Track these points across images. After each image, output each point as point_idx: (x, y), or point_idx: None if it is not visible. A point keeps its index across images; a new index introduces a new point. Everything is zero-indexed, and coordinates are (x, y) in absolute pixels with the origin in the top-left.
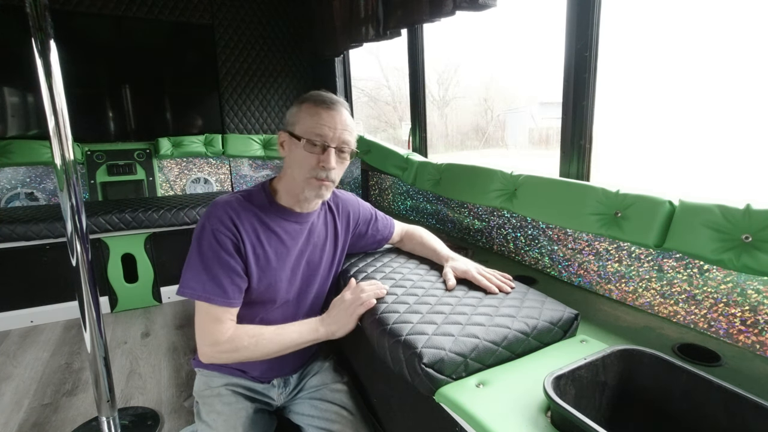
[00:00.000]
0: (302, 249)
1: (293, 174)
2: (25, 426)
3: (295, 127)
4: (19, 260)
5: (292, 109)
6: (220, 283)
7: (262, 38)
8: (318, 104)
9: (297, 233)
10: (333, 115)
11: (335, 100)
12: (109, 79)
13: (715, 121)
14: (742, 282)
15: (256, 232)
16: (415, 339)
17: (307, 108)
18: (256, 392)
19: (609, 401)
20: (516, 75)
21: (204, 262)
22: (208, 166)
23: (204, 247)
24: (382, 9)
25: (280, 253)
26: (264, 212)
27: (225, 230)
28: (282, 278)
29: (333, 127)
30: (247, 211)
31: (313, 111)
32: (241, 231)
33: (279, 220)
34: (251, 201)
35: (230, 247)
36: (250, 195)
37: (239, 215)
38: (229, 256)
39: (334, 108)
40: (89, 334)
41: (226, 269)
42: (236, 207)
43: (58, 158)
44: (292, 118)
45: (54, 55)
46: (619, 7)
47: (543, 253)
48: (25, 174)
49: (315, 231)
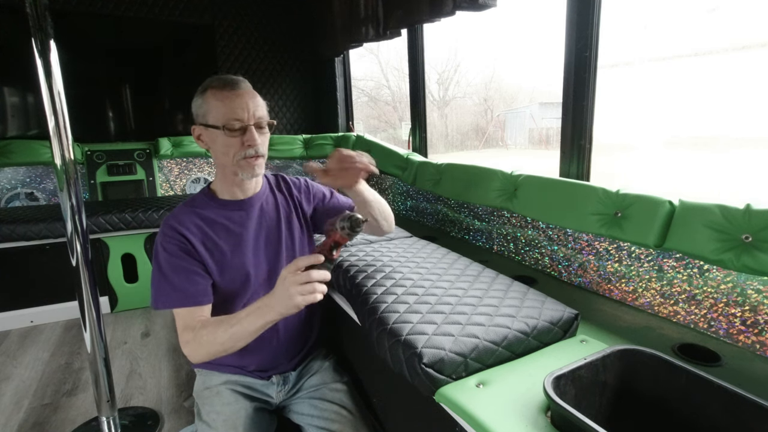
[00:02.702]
0: (256, 232)
1: (222, 162)
2: (25, 426)
3: (208, 117)
4: (19, 260)
5: (197, 100)
6: (182, 287)
7: (262, 38)
8: (223, 88)
9: (244, 219)
10: (242, 95)
11: (238, 80)
12: (109, 79)
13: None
14: (742, 282)
15: (202, 230)
16: (415, 339)
17: (213, 95)
18: (256, 390)
19: (609, 401)
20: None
21: (163, 274)
22: (208, 166)
23: (158, 260)
24: (382, 9)
25: (232, 241)
26: (206, 209)
27: (170, 239)
28: (245, 264)
29: (245, 107)
30: (189, 214)
31: (221, 96)
32: (186, 234)
33: (223, 212)
34: (194, 205)
35: (179, 251)
36: (192, 201)
37: (181, 221)
38: (181, 260)
39: (240, 88)
40: (89, 334)
41: (184, 273)
42: (178, 216)
43: (58, 158)
44: (200, 109)
45: (54, 55)
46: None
47: (543, 253)
48: (25, 174)
49: (265, 212)
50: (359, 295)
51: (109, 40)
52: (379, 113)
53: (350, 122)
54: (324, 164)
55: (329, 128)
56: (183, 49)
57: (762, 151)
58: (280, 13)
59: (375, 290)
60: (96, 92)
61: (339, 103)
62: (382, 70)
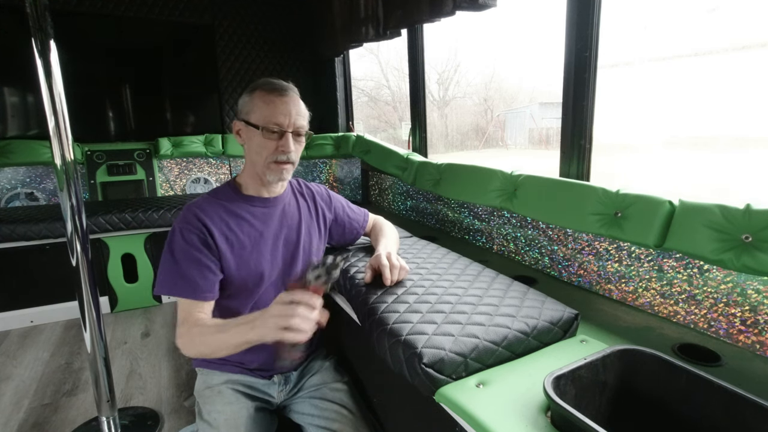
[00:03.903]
0: (276, 231)
1: (254, 159)
2: (25, 426)
3: (251, 115)
4: (19, 260)
5: (244, 97)
6: (191, 278)
7: (262, 38)
8: (271, 92)
9: (267, 217)
10: (287, 102)
11: (287, 87)
12: (109, 79)
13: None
14: (742, 282)
15: (226, 222)
16: (415, 339)
17: (260, 96)
18: (257, 390)
19: (609, 401)
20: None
21: (175, 260)
22: (208, 166)
23: (173, 245)
24: (382, 9)
25: (253, 237)
26: (231, 203)
27: (192, 228)
28: (261, 261)
29: (287, 113)
30: (214, 205)
31: (268, 99)
32: (209, 224)
33: (247, 206)
34: (218, 196)
35: (197, 242)
36: (216, 192)
37: (205, 211)
38: (198, 251)
39: (287, 95)
40: (89, 334)
41: (196, 265)
42: (202, 205)
43: (58, 158)
44: (245, 107)
45: (54, 55)
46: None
47: (543, 253)
48: (25, 174)
49: (287, 214)
50: (359, 295)
51: (109, 40)
52: (379, 113)
53: (350, 122)
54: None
55: (329, 128)
56: (183, 49)
57: (762, 151)
58: (280, 13)
59: (375, 290)
60: (96, 92)
61: (339, 103)
62: (382, 70)
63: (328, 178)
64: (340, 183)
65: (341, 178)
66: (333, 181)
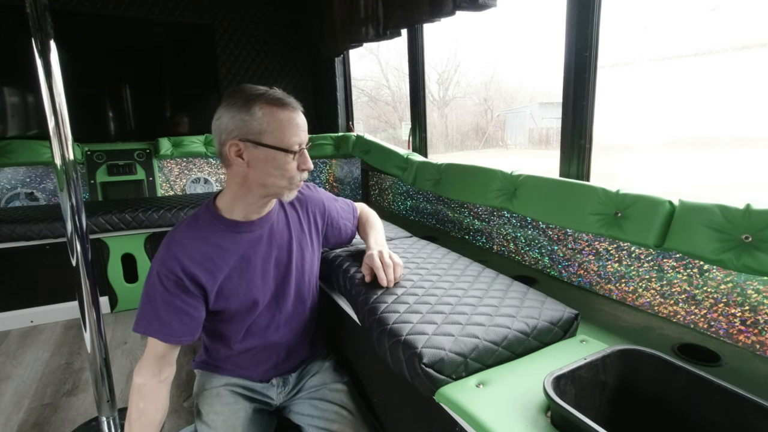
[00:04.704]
0: (265, 254)
1: (267, 182)
2: (25, 426)
3: (265, 136)
4: (19, 260)
5: (240, 114)
6: (168, 322)
7: (262, 38)
8: (284, 108)
9: (254, 242)
10: (300, 115)
11: (291, 99)
12: (109, 79)
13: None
14: (742, 282)
15: (208, 257)
16: (415, 339)
17: (272, 113)
18: (256, 392)
19: (609, 401)
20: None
21: (151, 302)
22: (208, 166)
23: (151, 287)
24: (382, 9)
25: (240, 266)
26: (213, 233)
27: (170, 274)
28: (252, 288)
29: (304, 128)
30: (195, 241)
31: (286, 117)
32: (188, 267)
33: (231, 235)
34: (198, 228)
35: (175, 288)
36: (196, 222)
37: (185, 251)
38: (175, 296)
39: (297, 108)
40: (89, 334)
41: (174, 309)
42: (182, 242)
43: (58, 158)
44: (249, 125)
45: (54, 55)
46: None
47: (543, 253)
48: (25, 174)
49: (275, 233)
50: (359, 295)
51: (109, 40)
52: (379, 113)
53: (350, 122)
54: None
55: (329, 128)
56: (183, 49)
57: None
58: (280, 13)
59: (375, 290)
60: (96, 92)
61: (339, 103)
62: (382, 70)
63: (328, 178)
64: (340, 183)
65: (341, 178)
66: (333, 181)
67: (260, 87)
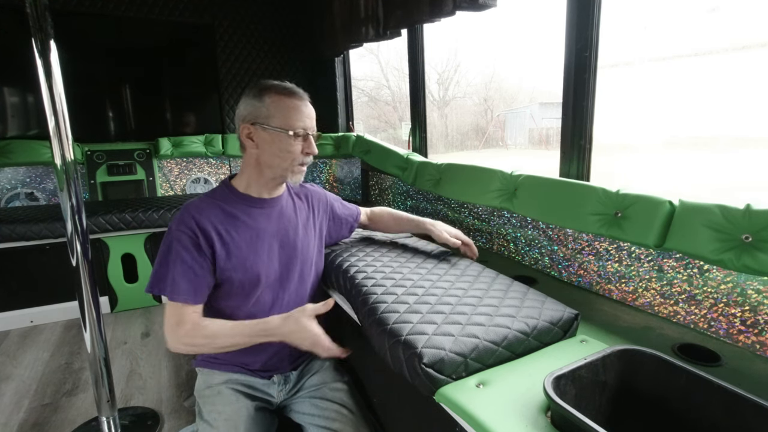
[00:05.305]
0: (273, 232)
1: (272, 164)
2: (25, 426)
3: (272, 120)
4: (19, 260)
5: (254, 102)
6: (181, 281)
7: (262, 38)
8: (291, 96)
9: (264, 218)
10: (307, 105)
11: (299, 90)
12: (109, 79)
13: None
14: (742, 282)
15: (222, 223)
16: (415, 339)
17: (280, 100)
18: (257, 390)
19: (609, 401)
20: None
21: (168, 261)
22: (208, 166)
23: (168, 245)
24: (382, 9)
25: (249, 238)
26: (228, 203)
27: (186, 229)
28: (257, 262)
29: (310, 116)
30: (211, 206)
31: (291, 104)
32: (204, 225)
33: (244, 208)
34: (215, 197)
35: (191, 244)
36: (213, 193)
37: (201, 212)
38: (190, 253)
39: (304, 98)
40: (89, 334)
41: (189, 266)
42: (199, 205)
43: (58, 158)
44: (260, 111)
45: (54, 55)
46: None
47: (543, 253)
48: (25, 174)
49: (284, 215)
50: (359, 295)
51: (109, 40)
52: (379, 113)
53: (350, 122)
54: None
55: (329, 128)
56: (183, 49)
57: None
58: (280, 13)
59: (375, 290)
60: (96, 92)
61: (339, 103)
62: (382, 70)
63: (328, 178)
64: (340, 183)
65: (341, 178)
66: (333, 181)
67: (275, 81)
